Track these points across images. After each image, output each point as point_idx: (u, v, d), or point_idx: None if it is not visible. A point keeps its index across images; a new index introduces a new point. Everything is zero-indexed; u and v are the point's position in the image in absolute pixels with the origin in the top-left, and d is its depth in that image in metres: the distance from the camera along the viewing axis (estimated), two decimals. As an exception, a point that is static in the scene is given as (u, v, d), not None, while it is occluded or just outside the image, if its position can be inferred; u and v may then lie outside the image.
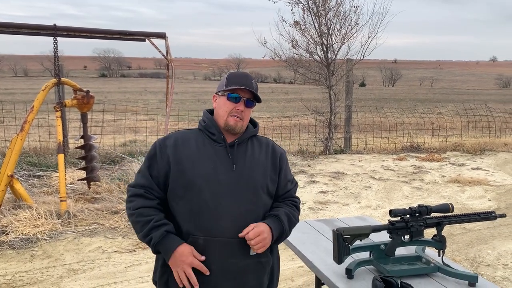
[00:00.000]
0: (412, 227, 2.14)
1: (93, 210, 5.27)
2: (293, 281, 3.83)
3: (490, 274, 4.00)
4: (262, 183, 1.84)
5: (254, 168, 1.84)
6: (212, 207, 1.75)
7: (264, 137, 2.01)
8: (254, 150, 1.88)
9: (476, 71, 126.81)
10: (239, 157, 1.83)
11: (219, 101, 1.87)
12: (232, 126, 1.82)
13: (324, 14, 9.28)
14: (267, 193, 1.87)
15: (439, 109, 15.37)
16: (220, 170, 1.78)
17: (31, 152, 7.95)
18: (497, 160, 9.19)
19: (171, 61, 6.12)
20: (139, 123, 11.27)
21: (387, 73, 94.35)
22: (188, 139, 1.85)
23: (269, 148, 1.93)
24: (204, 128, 1.87)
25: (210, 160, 1.80)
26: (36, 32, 5.50)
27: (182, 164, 1.78)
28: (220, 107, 1.85)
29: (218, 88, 1.90)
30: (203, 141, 1.84)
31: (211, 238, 1.74)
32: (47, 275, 3.84)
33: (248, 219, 1.78)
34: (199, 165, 1.78)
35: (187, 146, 1.82)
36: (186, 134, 1.89)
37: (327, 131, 9.57)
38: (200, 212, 1.75)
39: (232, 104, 1.82)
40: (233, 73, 1.90)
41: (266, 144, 1.94)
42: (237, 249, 1.76)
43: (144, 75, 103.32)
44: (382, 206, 6.00)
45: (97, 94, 8.39)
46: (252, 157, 1.86)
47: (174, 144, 1.82)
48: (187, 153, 1.80)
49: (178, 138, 1.85)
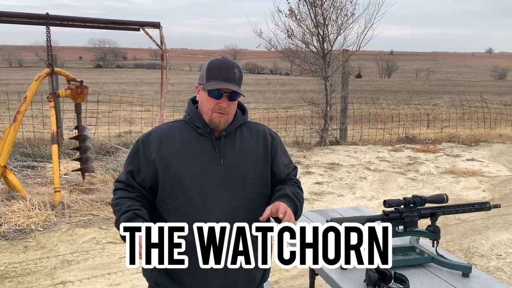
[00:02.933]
0: (406, 217, 2.14)
1: (87, 201, 5.24)
2: (287, 271, 3.84)
3: (483, 265, 4.02)
4: (253, 174, 1.76)
5: (243, 160, 1.75)
6: (200, 204, 1.69)
7: (256, 123, 1.91)
8: (243, 140, 1.79)
9: (472, 63, 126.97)
10: (227, 150, 1.74)
11: (201, 96, 1.75)
12: (216, 123, 1.72)
13: (320, 4, 9.22)
14: (261, 183, 1.79)
15: (435, 101, 15.38)
16: (207, 165, 1.71)
17: (25, 143, 7.89)
18: (492, 151, 9.22)
19: (166, 51, 6.06)
20: (134, 114, 11.23)
21: (383, 65, 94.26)
22: (172, 133, 1.76)
23: (260, 134, 1.83)
24: (189, 120, 1.77)
25: (196, 155, 1.72)
26: (28, 21, 5.43)
27: (167, 161, 1.71)
28: (203, 103, 1.74)
29: (200, 79, 1.76)
30: (188, 134, 1.76)
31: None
32: (40, 266, 3.82)
33: (239, 214, 1.73)
34: (184, 162, 1.71)
35: (172, 142, 1.74)
36: (170, 128, 1.79)
37: (323, 122, 9.56)
38: (188, 210, 1.70)
39: (214, 100, 1.70)
40: (214, 63, 1.73)
41: (257, 131, 1.84)
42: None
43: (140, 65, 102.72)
44: (377, 197, 6.01)
45: (92, 85, 8.34)
46: (241, 148, 1.77)
47: (158, 140, 1.74)
48: (172, 149, 1.72)
49: (162, 133, 1.77)
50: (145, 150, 1.75)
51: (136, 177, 1.76)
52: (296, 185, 1.88)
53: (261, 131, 1.86)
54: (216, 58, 1.76)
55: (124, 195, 1.74)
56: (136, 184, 1.76)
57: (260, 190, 1.80)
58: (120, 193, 1.76)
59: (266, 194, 1.83)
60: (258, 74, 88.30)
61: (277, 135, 1.91)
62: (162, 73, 6.19)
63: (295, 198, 1.77)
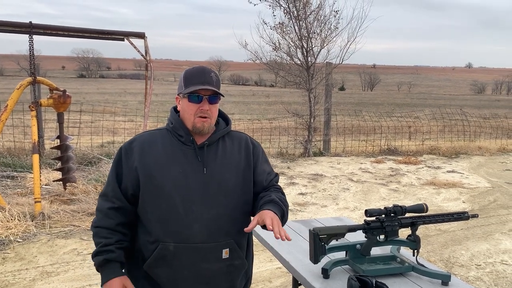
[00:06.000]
0: (387, 227, 2.17)
1: (68, 211, 5.16)
2: (270, 282, 3.83)
3: (463, 274, 4.08)
4: (235, 182, 1.78)
5: (225, 169, 1.77)
6: (182, 212, 1.69)
7: (238, 131, 1.92)
8: (226, 149, 1.81)
9: (452, 77, 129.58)
10: (209, 159, 1.75)
11: (182, 104, 1.77)
12: (200, 128, 1.73)
13: (305, 18, 9.35)
14: (243, 191, 1.80)
15: (416, 113, 15.63)
16: (189, 174, 1.71)
17: (5, 152, 7.76)
18: (472, 163, 9.40)
19: (150, 62, 6.07)
20: (117, 124, 11.13)
21: (366, 78, 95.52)
22: (155, 141, 1.77)
23: (242, 143, 1.86)
24: (172, 129, 1.78)
25: (179, 163, 1.72)
26: (11, 29, 5.38)
27: (150, 169, 1.71)
28: (185, 110, 1.76)
29: (178, 89, 1.79)
30: (170, 142, 1.76)
31: (182, 245, 1.70)
32: (19, 278, 3.74)
33: (221, 223, 1.73)
34: (167, 169, 1.71)
35: (154, 149, 1.74)
36: (152, 135, 1.80)
37: (307, 134, 9.64)
38: (170, 218, 1.70)
39: (195, 105, 1.72)
40: (189, 71, 1.78)
41: (239, 139, 1.87)
42: (209, 254, 1.72)
43: (124, 76, 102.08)
44: (359, 207, 6.06)
45: (75, 95, 8.27)
46: (224, 157, 1.78)
47: (140, 148, 1.74)
48: (155, 157, 1.72)
49: (144, 141, 1.76)
50: (128, 158, 1.74)
51: (120, 186, 1.75)
52: (279, 190, 1.90)
53: (243, 140, 1.88)
54: (191, 67, 1.79)
55: (103, 224, 1.73)
56: (120, 195, 1.74)
57: (242, 198, 1.81)
58: (100, 219, 1.75)
59: (249, 201, 1.84)
60: (243, 85, 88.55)
61: (259, 144, 1.93)
62: (147, 83, 6.18)
63: (281, 202, 1.79)
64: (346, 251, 2.21)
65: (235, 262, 1.79)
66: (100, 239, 1.72)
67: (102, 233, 1.72)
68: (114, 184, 1.75)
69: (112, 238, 1.72)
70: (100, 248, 1.71)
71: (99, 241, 1.72)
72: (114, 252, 1.71)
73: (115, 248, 1.72)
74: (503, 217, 5.80)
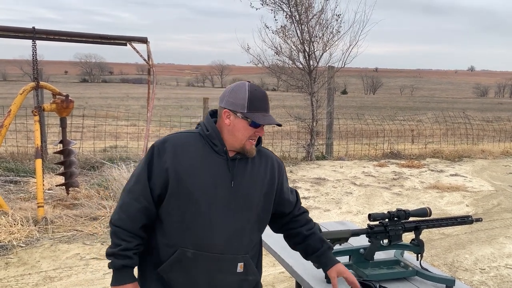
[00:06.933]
0: (390, 231, 2.16)
1: (71, 216, 5.17)
2: (274, 287, 3.82)
3: (468, 279, 4.06)
4: (258, 199, 1.78)
5: (251, 185, 1.77)
6: (207, 221, 1.69)
7: (266, 149, 1.93)
8: (254, 165, 1.80)
9: (455, 80, 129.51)
10: (238, 173, 1.75)
11: (236, 123, 1.71)
12: (250, 150, 1.75)
13: (307, 22, 9.36)
14: (263, 209, 1.82)
15: (419, 117, 15.63)
16: (218, 184, 1.71)
17: (8, 157, 7.78)
18: (475, 166, 9.37)
19: (153, 66, 6.08)
20: (120, 128, 11.16)
21: (368, 81, 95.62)
22: (188, 145, 1.74)
23: (269, 162, 1.86)
24: (207, 136, 1.74)
25: (210, 171, 1.71)
26: (14, 35, 5.41)
27: (181, 172, 1.69)
28: (239, 130, 1.71)
29: (236, 106, 1.70)
30: (203, 148, 1.73)
31: (201, 253, 1.70)
32: (22, 283, 3.74)
33: (241, 237, 1.74)
34: (198, 176, 1.69)
35: (187, 153, 1.71)
36: (186, 138, 1.77)
37: (309, 138, 9.63)
38: (193, 225, 1.69)
39: (252, 129, 1.72)
40: (254, 94, 1.71)
41: (267, 157, 1.87)
42: (225, 265, 1.73)
43: (126, 80, 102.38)
44: (362, 211, 6.04)
45: (78, 99, 8.30)
46: (251, 173, 1.78)
47: (173, 149, 1.71)
48: (187, 161, 1.70)
49: (177, 143, 1.73)
50: (160, 158, 1.71)
51: (150, 183, 1.72)
52: (310, 220, 2.01)
53: (270, 158, 1.88)
54: (253, 87, 1.74)
55: (124, 226, 1.71)
56: (149, 193, 1.71)
57: (261, 215, 1.83)
58: (123, 220, 1.72)
59: (265, 219, 1.87)
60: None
61: (282, 162, 1.96)
62: (149, 87, 6.19)
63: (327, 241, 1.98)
64: (350, 255, 2.21)
65: (249, 277, 1.80)
66: (119, 241, 1.70)
67: (122, 235, 1.70)
68: (145, 183, 1.71)
69: (132, 243, 1.71)
70: (119, 251, 1.69)
71: (118, 243, 1.70)
72: (132, 259, 1.71)
73: (133, 254, 1.72)
74: (507, 220, 5.77)
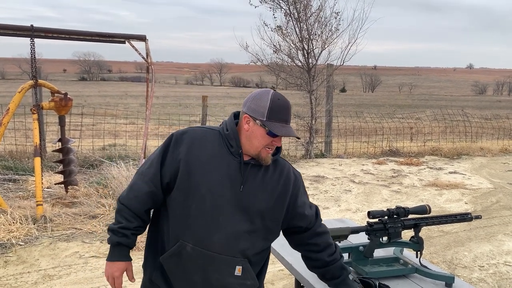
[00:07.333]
0: (390, 228, 2.16)
1: (70, 214, 5.16)
2: (273, 284, 3.82)
3: (467, 276, 4.07)
4: (265, 208, 1.76)
5: (260, 192, 1.75)
6: (209, 219, 1.69)
7: (282, 159, 1.89)
8: (267, 173, 1.78)
9: (453, 78, 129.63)
10: (249, 178, 1.74)
11: (255, 130, 1.71)
12: (265, 159, 1.74)
13: (305, 20, 9.35)
14: (270, 218, 1.79)
15: (418, 115, 15.63)
16: (227, 184, 1.71)
17: (6, 156, 7.76)
18: (474, 164, 9.38)
19: (151, 64, 6.07)
20: (118, 126, 11.15)
21: (367, 79, 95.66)
22: (205, 140, 1.75)
23: (283, 171, 1.83)
24: (226, 136, 1.75)
25: (221, 170, 1.71)
26: (13, 33, 5.39)
27: (192, 166, 1.70)
28: (256, 138, 1.72)
29: (256, 112, 1.71)
30: (220, 147, 1.74)
31: (200, 249, 1.70)
32: (21, 281, 3.74)
33: (240, 241, 1.73)
34: (209, 172, 1.70)
35: (203, 148, 1.73)
36: (205, 133, 1.78)
37: (308, 136, 9.63)
38: (195, 221, 1.70)
39: (270, 138, 1.72)
40: (276, 104, 1.71)
41: (282, 167, 1.84)
42: (222, 266, 1.73)
43: (125, 78, 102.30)
44: (361, 209, 6.05)
45: (77, 97, 8.28)
46: (263, 180, 1.76)
47: (190, 142, 1.73)
48: (201, 156, 1.71)
49: (195, 137, 1.75)
50: (176, 147, 1.74)
51: (162, 168, 1.74)
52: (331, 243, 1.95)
53: (286, 169, 1.85)
54: (277, 96, 1.73)
55: (130, 206, 1.77)
56: (158, 179, 1.74)
57: (268, 224, 1.80)
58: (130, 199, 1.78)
59: (274, 230, 1.84)
60: (244, 87, 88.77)
61: (299, 174, 1.92)
62: (148, 86, 6.18)
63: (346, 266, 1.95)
64: (349, 253, 2.21)
65: (247, 282, 1.79)
66: (121, 218, 1.77)
67: (125, 214, 1.77)
68: (157, 167, 1.74)
69: (133, 223, 1.77)
70: (119, 228, 1.76)
71: (120, 220, 1.77)
72: (128, 238, 1.78)
73: (131, 234, 1.78)
74: (506, 218, 5.79)
